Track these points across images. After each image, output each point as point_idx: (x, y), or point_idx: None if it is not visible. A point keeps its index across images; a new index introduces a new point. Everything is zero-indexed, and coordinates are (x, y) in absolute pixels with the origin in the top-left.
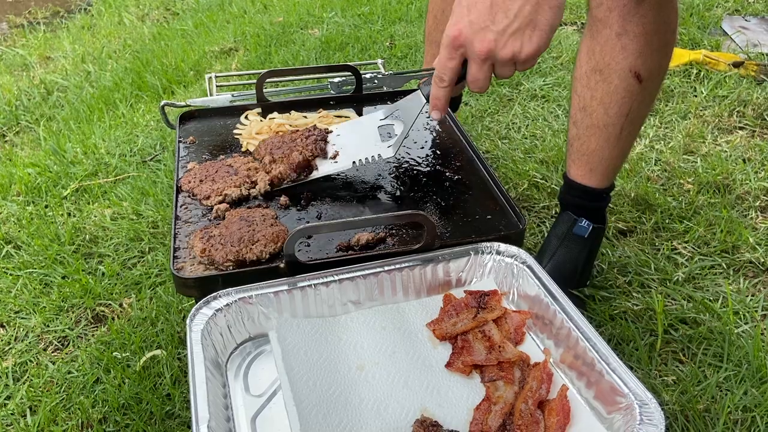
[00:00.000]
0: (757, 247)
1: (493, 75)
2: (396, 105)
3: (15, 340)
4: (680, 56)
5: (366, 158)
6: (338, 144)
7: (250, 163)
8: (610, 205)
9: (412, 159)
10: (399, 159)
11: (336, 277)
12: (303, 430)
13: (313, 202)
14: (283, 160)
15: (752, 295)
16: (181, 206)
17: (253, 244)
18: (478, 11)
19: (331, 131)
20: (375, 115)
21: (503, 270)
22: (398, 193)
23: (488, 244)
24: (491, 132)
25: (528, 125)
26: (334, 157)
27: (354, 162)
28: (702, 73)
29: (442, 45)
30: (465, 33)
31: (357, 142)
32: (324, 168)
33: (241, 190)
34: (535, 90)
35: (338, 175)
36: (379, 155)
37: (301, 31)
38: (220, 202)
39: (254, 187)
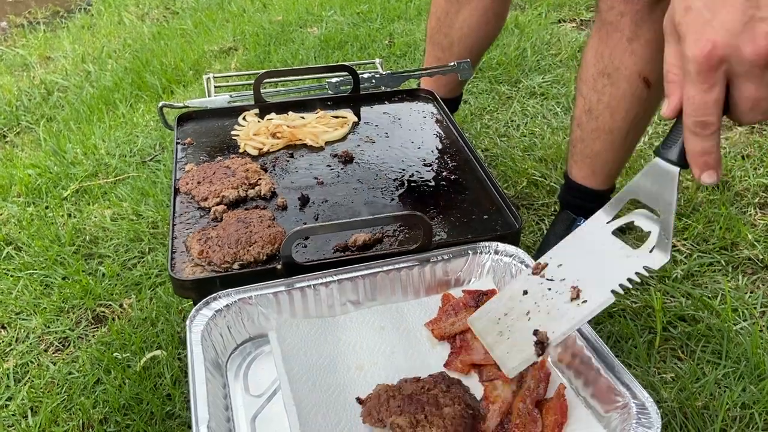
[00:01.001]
0: (755, 243)
1: None
2: (625, 192)
3: (16, 341)
4: None
5: (629, 278)
6: (567, 277)
7: (248, 165)
8: None
9: (409, 159)
10: (396, 159)
11: (335, 278)
12: (302, 430)
13: (310, 203)
14: None
15: (751, 292)
16: (179, 208)
17: (250, 246)
18: (731, 5)
19: (542, 264)
20: (595, 221)
21: (501, 269)
22: (395, 193)
23: (486, 243)
24: (490, 130)
25: (527, 123)
26: (576, 296)
27: (613, 291)
28: None
29: (689, 76)
30: (722, 41)
31: (594, 263)
32: (574, 315)
33: (238, 191)
34: (534, 87)
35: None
36: (646, 267)
37: (300, 30)
38: (218, 204)
39: (252, 189)
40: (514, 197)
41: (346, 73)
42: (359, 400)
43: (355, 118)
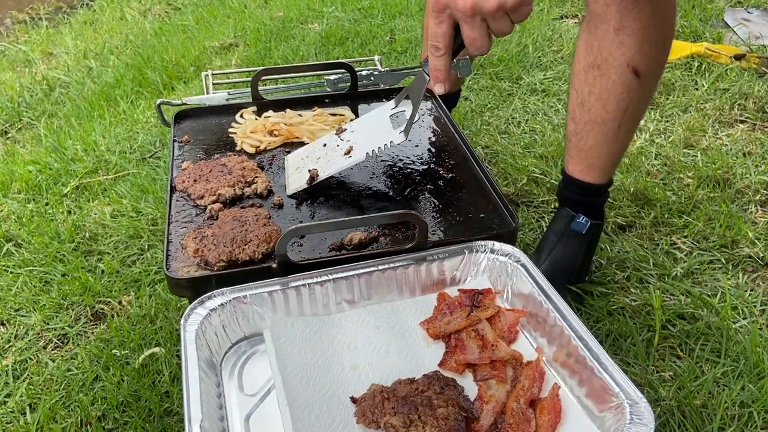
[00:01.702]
0: (756, 241)
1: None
2: (404, 90)
3: (15, 337)
4: (682, 49)
5: (379, 147)
6: (352, 139)
7: (244, 163)
8: (609, 200)
9: (405, 157)
10: (393, 157)
11: (330, 277)
12: (296, 430)
13: (306, 202)
14: None
15: (751, 290)
16: (175, 206)
17: (245, 245)
18: None
19: (345, 129)
20: (386, 105)
21: (497, 268)
22: (391, 192)
23: (482, 242)
24: (491, 127)
25: (528, 120)
26: (348, 152)
27: (367, 153)
28: (703, 66)
29: (428, 12)
30: None
31: (370, 134)
32: (338, 164)
33: (234, 189)
34: (535, 84)
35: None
36: (391, 142)
37: (301, 26)
38: (214, 202)
39: (249, 186)
40: (514, 194)
41: (344, 70)
42: (353, 400)
43: (353, 116)
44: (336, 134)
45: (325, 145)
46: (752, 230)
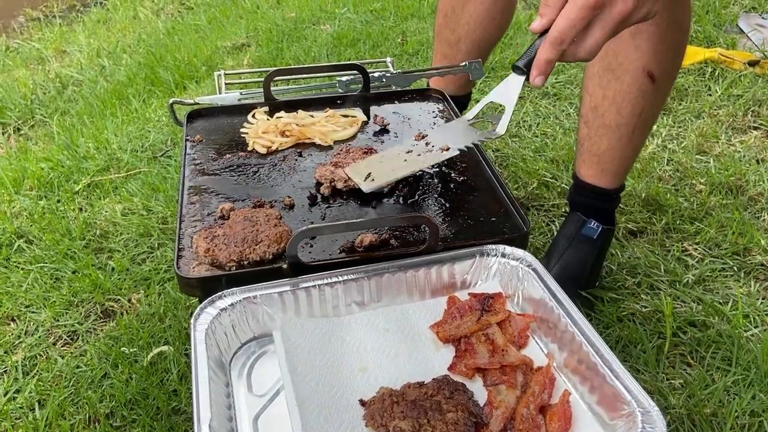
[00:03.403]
0: None
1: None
2: (488, 97)
3: (25, 334)
4: (695, 54)
5: (480, 140)
6: (438, 142)
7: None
8: (620, 205)
9: None
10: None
11: (340, 278)
12: (304, 431)
13: (317, 203)
14: None
15: (763, 299)
16: (186, 205)
17: (256, 245)
18: None
19: (425, 134)
20: (462, 118)
21: (508, 273)
22: (403, 194)
23: (493, 246)
24: None
25: (539, 123)
26: (446, 149)
27: (467, 146)
28: (717, 72)
29: (575, 3)
30: None
31: (458, 136)
32: (436, 157)
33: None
34: (547, 88)
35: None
36: (487, 137)
37: (313, 27)
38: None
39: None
40: (525, 198)
41: (356, 71)
42: (362, 403)
43: (365, 117)
44: (416, 139)
45: (409, 152)
46: (765, 238)
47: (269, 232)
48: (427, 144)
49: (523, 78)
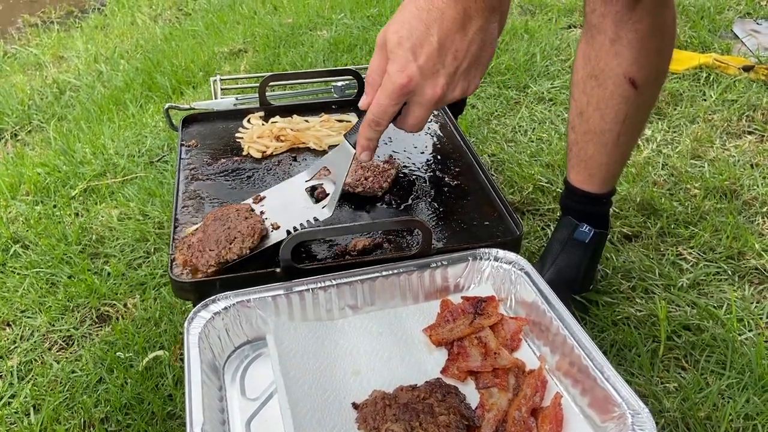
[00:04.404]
0: (763, 253)
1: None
2: (321, 161)
3: (20, 339)
4: (690, 59)
5: (301, 224)
6: (267, 212)
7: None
8: (615, 209)
9: (411, 164)
10: (398, 164)
11: (334, 282)
12: None
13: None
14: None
15: (757, 303)
16: (181, 209)
17: (230, 243)
18: (427, 56)
19: (264, 197)
20: (299, 176)
21: (501, 276)
22: (396, 198)
23: (486, 250)
24: (497, 135)
25: (534, 128)
26: (276, 227)
27: (288, 231)
28: (712, 77)
29: (384, 90)
30: (415, 80)
31: (286, 208)
32: (273, 238)
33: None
34: (543, 93)
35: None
36: (315, 218)
37: (309, 33)
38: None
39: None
40: (520, 203)
41: (351, 77)
42: (355, 406)
43: None
44: (254, 202)
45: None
46: (759, 242)
47: (241, 227)
48: (262, 213)
49: (353, 152)
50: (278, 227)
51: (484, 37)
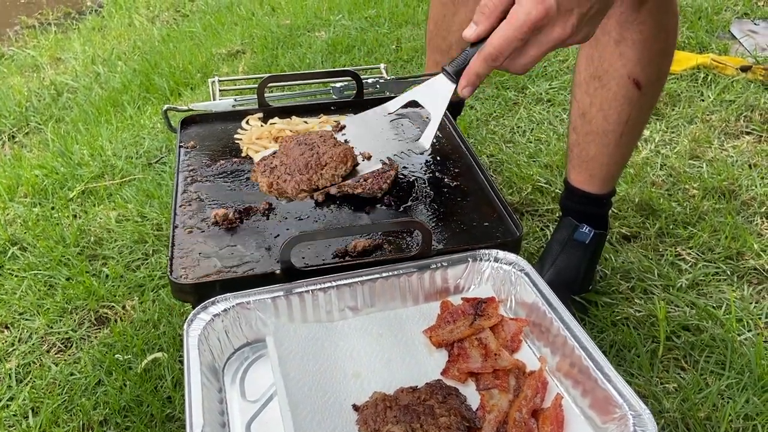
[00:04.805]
0: (762, 253)
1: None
2: (410, 94)
3: (19, 341)
4: (687, 60)
5: (395, 155)
6: (351, 141)
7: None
8: (614, 210)
9: (410, 164)
10: (397, 165)
11: (333, 283)
12: None
13: (310, 208)
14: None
15: (756, 303)
16: (180, 211)
17: (322, 168)
18: None
19: (344, 125)
20: (382, 107)
21: (501, 277)
22: (396, 199)
23: (486, 251)
24: (496, 136)
25: (533, 129)
26: (369, 157)
27: (383, 162)
28: (709, 78)
29: (513, 22)
30: (551, 13)
31: (375, 138)
32: (364, 167)
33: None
34: (541, 94)
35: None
36: (410, 150)
37: (308, 34)
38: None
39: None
40: (519, 203)
41: (350, 78)
42: (355, 408)
43: None
44: (334, 130)
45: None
46: (758, 242)
47: (332, 153)
48: (346, 141)
49: (453, 86)
50: (369, 156)
51: None
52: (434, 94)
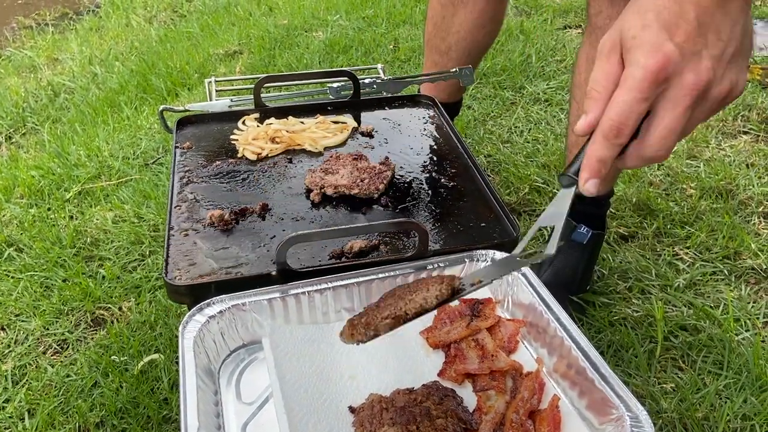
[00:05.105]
0: (759, 253)
1: None
2: (533, 229)
3: (15, 343)
4: None
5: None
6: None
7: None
8: (611, 210)
9: (407, 165)
10: (393, 165)
11: (329, 285)
12: None
13: (307, 208)
14: None
15: (754, 302)
16: (176, 212)
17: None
18: (686, 33)
19: None
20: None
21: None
22: (393, 200)
23: (483, 251)
24: (493, 136)
25: (530, 129)
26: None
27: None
28: None
29: (628, 84)
30: (674, 60)
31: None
32: None
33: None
34: (538, 93)
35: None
36: (540, 255)
37: (305, 34)
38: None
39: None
40: (516, 203)
41: (346, 78)
42: (351, 409)
43: (355, 124)
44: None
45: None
46: (755, 242)
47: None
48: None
49: (572, 190)
50: (480, 282)
51: (746, 20)
52: (555, 209)
